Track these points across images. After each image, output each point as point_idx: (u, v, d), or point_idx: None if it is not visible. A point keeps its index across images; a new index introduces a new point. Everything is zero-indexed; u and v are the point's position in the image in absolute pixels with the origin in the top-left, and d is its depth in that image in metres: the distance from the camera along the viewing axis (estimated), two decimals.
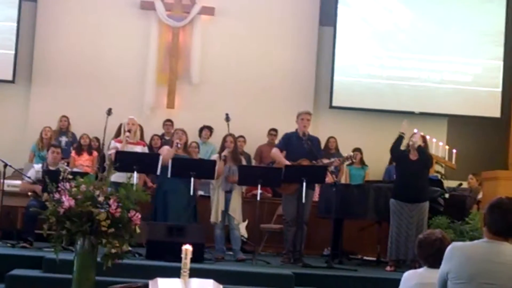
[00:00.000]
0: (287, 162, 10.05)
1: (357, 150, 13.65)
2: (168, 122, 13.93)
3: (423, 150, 10.00)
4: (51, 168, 10.26)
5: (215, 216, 10.20)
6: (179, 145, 10.29)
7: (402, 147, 10.14)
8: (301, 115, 10.34)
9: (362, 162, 13.74)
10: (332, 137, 14.00)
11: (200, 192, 11.23)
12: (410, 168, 9.86)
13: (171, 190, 10.20)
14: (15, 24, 14.29)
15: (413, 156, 9.94)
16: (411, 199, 9.80)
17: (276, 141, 12.29)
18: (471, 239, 5.76)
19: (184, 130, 10.65)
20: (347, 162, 12.00)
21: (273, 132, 13.87)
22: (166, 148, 10.68)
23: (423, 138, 10.26)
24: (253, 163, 13.25)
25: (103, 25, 14.66)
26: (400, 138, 10.13)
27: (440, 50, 15.05)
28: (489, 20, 15.10)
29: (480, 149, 15.02)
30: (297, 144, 10.18)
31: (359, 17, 15.08)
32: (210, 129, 13.81)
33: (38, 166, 10.64)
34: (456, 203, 11.31)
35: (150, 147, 13.08)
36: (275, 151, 10.48)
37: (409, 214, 9.77)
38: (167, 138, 13.48)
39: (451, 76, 15.04)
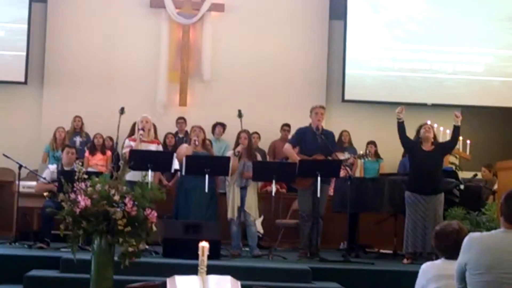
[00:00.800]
0: (298, 158, 10.03)
1: (371, 143, 13.66)
2: (181, 120, 13.95)
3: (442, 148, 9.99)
4: (66, 168, 10.29)
5: (231, 212, 10.22)
6: (196, 142, 10.30)
7: (413, 138, 10.08)
8: (314, 109, 10.31)
9: (376, 155, 13.72)
10: (345, 130, 14.01)
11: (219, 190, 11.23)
12: (424, 160, 9.81)
13: (192, 188, 10.18)
14: (25, 26, 14.32)
15: (427, 147, 9.91)
16: (426, 191, 9.76)
17: (290, 137, 12.28)
18: (488, 230, 5.74)
19: (201, 127, 10.66)
20: (361, 160, 12.01)
21: (286, 127, 13.86)
22: (184, 146, 10.68)
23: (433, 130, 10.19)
24: (267, 158, 13.25)
25: (113, 24, 14.69)
26: (400, 124, 10.04)
27: (451, 41, 15.01)
28: (499, 8, 15.03)
29: (495, 139, 14.98)
30: (311, 138, 10.16)
31: (369, 9, 15.05)
32: (223, 126, 13.80)
33: (53, 167, 10.67)
34: (472, 194, 11.28)
35: (164, 145, 13.12)
36: (287, 146, 10.46)
37: (425, 206, 9.73)
38: (180, 136, 13.50)
39: (463, 66, 15.00)
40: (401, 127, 10.01)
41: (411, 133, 10.23)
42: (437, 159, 9.93)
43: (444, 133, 13.34)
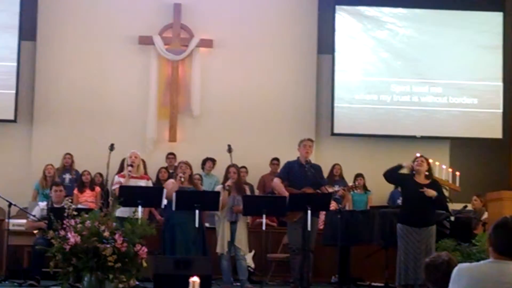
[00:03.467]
0: (287, 194, 10.03)
1: (360, 175, 13.71)
2: (171, 156, 13.97)
3: (441, 195, 9.97)
4: (56, 205, 10.28)
5: (221, 247, 10.21)
6: (182, 179, 10.29)
7: (406, 171, 10.09)
8: (303, 142, 10.37)
9: (364, 188, 13.77)
10: (337, 164, 14.06)
11: (206, 224, 11.21)
12: (416, 192, 9.79)
13: (179, 224, 10.16)
14: (15, 64, 14.34)
15: (420, 179, 9.89)
16: (418, 223, 9.74)
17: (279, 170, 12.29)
18: (479, 261, 5.73)
19: (188, 162, 10.66)
20: (350, 192, 12.05)
21: (275, 161, 13.89)
22: (170, 181, 10.68)
23: (427, 162, 10.20)
24: (256, 193, 13.25)
25: (102, 61, 14.73)
26: (398, 167, 10.05)
27: (439, 74, 15.08)
28: (487, 40, 15.14)
29: (484, 170, 15.01)
30: (300, 172, 10.19)
31: (357, 43, 15.13)
32: (213, 161, 13.83)
33: (43, 204, 10.65)
34: (462, 225, 11.29)
35: (157, 180, 13.12)
36: (276, 181, 10.47)
37: (417, 239, 9.71)
38: (170, 171, 13.50)
39: (451, 99, 15.05)
40: (396, 169, 10.01)
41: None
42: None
43: (433, 165, 13.36)
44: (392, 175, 10.08)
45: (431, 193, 9.72)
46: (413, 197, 9.85)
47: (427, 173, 9.95)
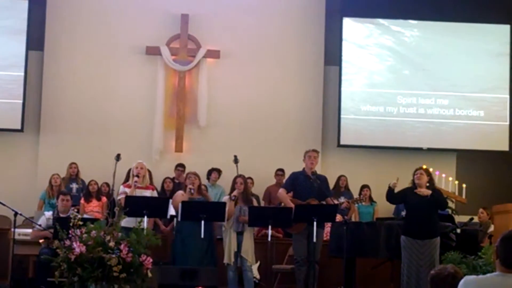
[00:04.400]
0: (292, 204, 10.01)
1: (366, 187, 13.71)
2: (180, 168, 13.91)
3: (437, 193, 9.94)
4: (62, 215, 10.28)
5: (228, 257, 10.20)
6: (192, 191, 10.28)
7: (409, 184, 10.07)
8: (308, 153, 10.37)
9: (370, 199, 13.75)
10: (343, 175, 14.06)
11: None
12: (418, 204, 9.77)
13: (189, 234, 10.16)
14: (22, 74, 14.38)
15: (422, 192, 9.87)
16: (422, 235, 9.72)
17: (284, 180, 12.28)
18: (485, 274, 5.69)
19: (196, 173, 10.68)
20: (355, 204, 12.04)
21: (280, 172, 13.88)
22: (180, 193, 10.67)
23: (428, 174, 10.17)
24: (262, 204, 13.24)
25: (109, 71, 14.76)
26: (390, 191, 10.03)
27: (446, 86, 15.08)
28: (494, 55, 15.14)
29: (490, 183, 14.99)
30: (305, 183, 10.19)
31: (364, 55, 15.15)
32: (218, 171, 13.84)
33: (49, 214, 10.65)
34: (468, 238, 11.23)
35: (162, 190, 13.11)
36: (281, 192, 10.46)
37: (420, 251, 9.68)
38: (176, 181, 13.49)
39: (458, 111, 15.04)
40: (390, 193, 10.01)
41: (405, 178, 10.20)
42: (431, 204, 9.88)
43: (439, 177, 13.36)
44: (391, 198, 10.11)
45: (426, 192, 9.72)
46: (415, 210, 9.83)
47: (428, 184, 9.92)
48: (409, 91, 15.10)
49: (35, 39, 14.61)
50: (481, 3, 15.08)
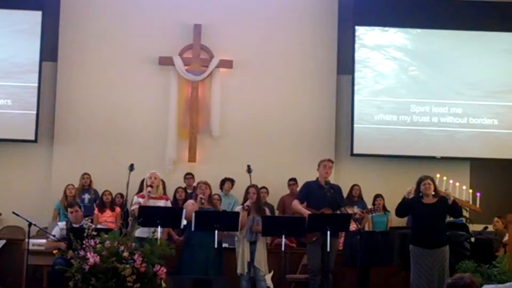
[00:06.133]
0: (307, 214, 9.98)
1: (379, 196, 13.66)
2: (189, 176, 13.98)
3: (445, 200, 9.90)
4: (74, 225, 10.30)
5: (241, 267, 10.18)
6: (203, 200, 10.27)
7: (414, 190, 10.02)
8: (323, 162, 10.35)
9: (384, 209, 13.71)
10: (356, 185, 14.03)
11: (225, 244, 11.19)
12: (425, 213, 9.71)
13: (199, 244, 10.15)
14: (36, 85, 14.45)
15: (428, 200, 9.81)
16: (430, 244, 9.66)
17: (297, 190, 12.25)
18: (500, 283, 5.67)
19: (207, 182, 10.67)
20: (369, 215, 12.02)
21: (292, 182, 13.87)
22: (190, 202, 10.66)
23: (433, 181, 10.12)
24: (276, 213, 13.23)
25: (122, 82, 14.80)
26: (403, 202, 9.99)
27: (459, 94, 15.03)
28: (507, 63, 15.10)
29: (504, 191, 14.92)
30: (319, 192, 10.16)
31: (376, 64, 15.12)
32: (231, 181, 13.85)
33: (62, 224, 10.66)
34: (483, 246, 11.19)
35: (174, 199, 13.13)
36: (295, 203, 10.41)
37: (429, 260, 9.60)
38: (189, 191, 13.51)
39: (471, 120, 15.00)
40: (402, 204, 9.97)
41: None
42: (439, 212, 9.81)
43: (453, 186, 13.33)
44: (400, 210, 10.06)
45: (445, 194, 9.74)
46: (421, 219, 9.77)
47: (433, 193, 9.88)
48: (422, 99, 15.06)
49: (49, 50, 14.68)
50: (495, 12, 15.04)
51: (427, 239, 9.64)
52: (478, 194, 13.83)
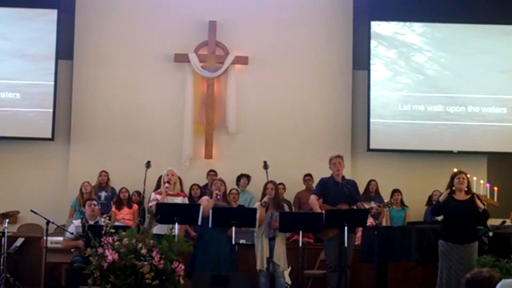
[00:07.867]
0: (323, 210, 9.97)
1: (397, 191, 13.63)
2: (212, 172, 13.89)
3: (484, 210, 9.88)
4: (90, 221, 10.34)
5: (260, 263, 10.19)
6: (219, 197, 10.26)
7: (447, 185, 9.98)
8: (332, 159, 10.32)
9: (402, 203, 13.68)
10: (373, 180, 14.01)
11: (242, 241, 11.18)
12: (457, 209, 9.69)
13: (212, 240, 10.14)
14: (52, 83, 14.50)
15: (460, 196, 9.78)
16: (462, 240, 9.64)
17: (313, 185, 12.24)
18: None
19: (222, 179, 10.66)
20: (386, 209, 11.98)
21: (307, 177, 13.88)
22: (205, 198, 10.64)
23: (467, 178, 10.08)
24: (293, 209, 13.22)
25: (138, 79, 14.82)
26: (438, 205, 9.98)
27: (476, 88, 14.98)
28: None
29: None
30: (335, 188, 10.15)
31: (392, 59, 15.08)
32: (247, 177, 13.85)
33: (77, 221, 10.69)
34: (501, 241, 11.14)
35: (190, 196, 13.13)
36: (312, 199, 10.39)
37: (459, 255, 9.58)
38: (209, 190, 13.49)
39: (488, 113, 14.93)
40: (437, 204, 9.96)
41: (436, 181, 10.13)
42: (470, 208, 9.77)
43: (470, 180, 13.25)
44: (436, 209, 10.08)
45: (480, 204, 9.67)
46: (453, 214, 9.74)
47: (466, 189, 9.85)
48: (438, 94, 15.00)
49: (65, 48, 14.71)
50: (510, 5, 14.97)
51: (459, 235, 9.61)
52: (495, 189, 13.77)
